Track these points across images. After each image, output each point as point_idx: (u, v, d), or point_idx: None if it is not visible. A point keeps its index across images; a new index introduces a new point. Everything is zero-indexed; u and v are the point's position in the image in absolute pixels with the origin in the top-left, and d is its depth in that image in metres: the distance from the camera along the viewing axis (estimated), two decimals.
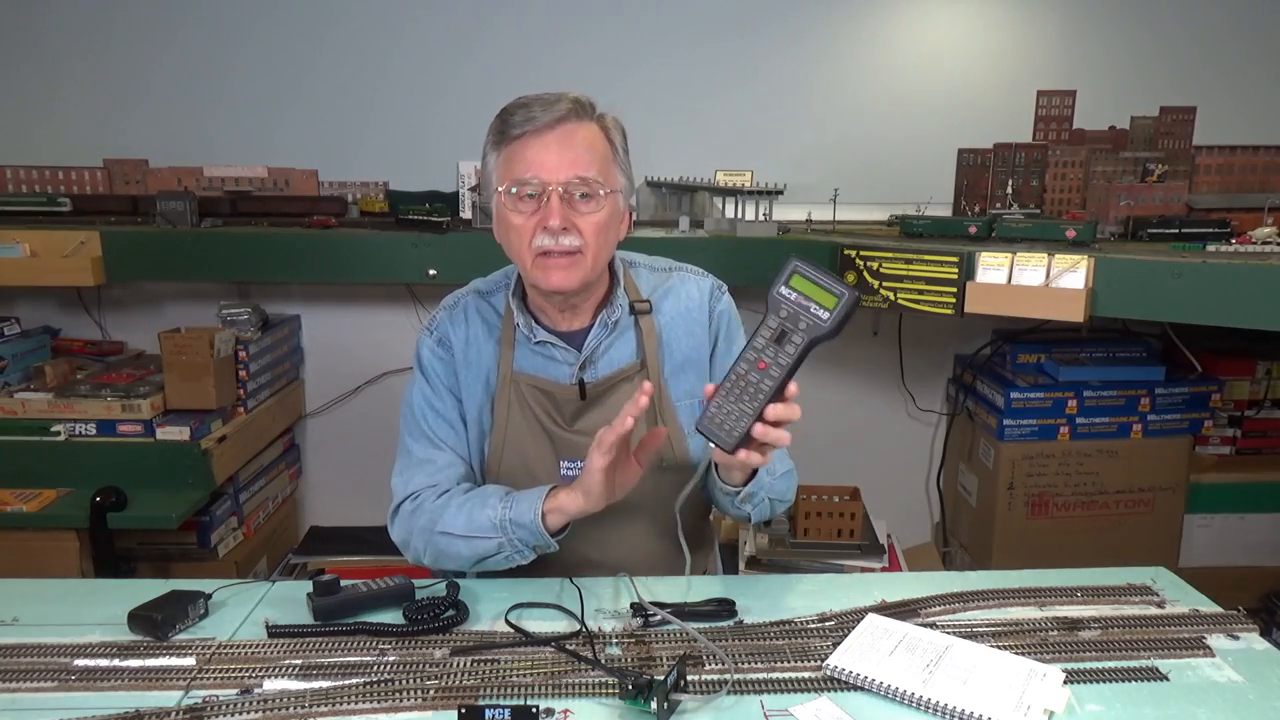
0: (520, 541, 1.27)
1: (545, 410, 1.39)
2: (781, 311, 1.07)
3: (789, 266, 1.08)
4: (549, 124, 1.25)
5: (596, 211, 1.28)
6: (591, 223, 1.27)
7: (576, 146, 1.26)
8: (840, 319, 1.05)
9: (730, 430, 1.09)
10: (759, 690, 1.06)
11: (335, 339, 2.75)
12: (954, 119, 2.68)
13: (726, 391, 1.10)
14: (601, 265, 1.33)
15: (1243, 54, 2.70)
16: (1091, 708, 1.04)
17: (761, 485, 1.28)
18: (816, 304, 1.06)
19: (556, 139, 1.26)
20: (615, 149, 1.32)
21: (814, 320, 1.06)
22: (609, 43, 2.66)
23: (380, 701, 1.02)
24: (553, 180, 1.25)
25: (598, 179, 1.27)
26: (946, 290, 2.05)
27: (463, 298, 1.46)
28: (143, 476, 2.13)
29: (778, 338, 1.07)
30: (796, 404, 1.11)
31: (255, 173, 2.62)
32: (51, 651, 1.12)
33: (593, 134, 1.29)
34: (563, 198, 1.26)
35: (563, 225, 1.25)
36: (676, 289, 1.45)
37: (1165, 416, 2.54)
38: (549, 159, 1.25)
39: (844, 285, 1.06)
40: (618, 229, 1.34)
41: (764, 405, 1.08)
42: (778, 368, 1.07)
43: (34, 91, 2.64)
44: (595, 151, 1.28)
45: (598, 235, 1.28)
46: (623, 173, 1.33)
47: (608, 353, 1.40)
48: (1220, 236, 2.05)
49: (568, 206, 1.26)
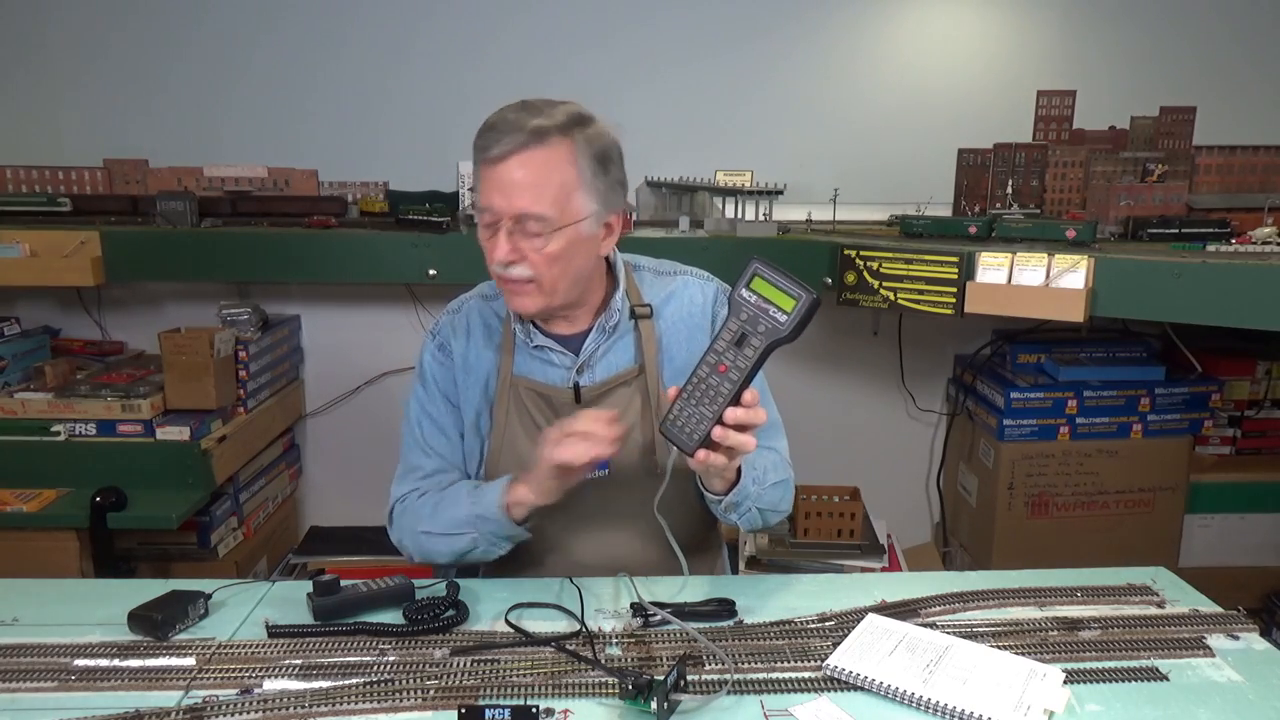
0: (492, 535, 1.28)
1: (543, 414, 1.39)
2: (742, 314, 1.07)
3: (750, 268, 1.07)
4: (504, 155, 1.21)
5: (549, 244, 1.24)
6: (543, 255, 1.25)
7: (528, 181, 1.22)
8: (798, 322, 1.04)
9: (690, 433, 1.09)
10: (759, 690, 1.06)
11: (335, 339, 2.75)
12: (954, 119, 2.68)
13: (688, 394, 1.09)
14: (566, 290, 1.31)
15: (1243, 54, 2.70)
16: (1091, 708, 1.04)
17: (746, 494, 1.26)
18: (775, 306, 1.05)
19: (509, 170, 1.22)
20: (583, 171, 1.25)
21: (772, 323, 1.05)
22: (609, 43, 2.66)
23: (380, 701, 1.02)
24: (502, 213, 1.24)
25: (545, 215, 1.23)
26: (946, 290, 2.05)
27: (466, 302, 1.47)
28: (143, 476, 2.13)
29: (738, 340, 1.07)
30: (761, 409, 1.10)
31: (255, 173, 2.62)
32: (51, 651, 1.12)
33: (553, 162, 1.23)
34: (511, 232, 1.24)
35: (508, 259, 1.25)
36: (679, 293, 1.44)
37: (1165, 416, 2.54)
38: (499, 192, 1.23)
39: (803, 288, 1.04)
40: (583, 253, 1.30)
41: (723, 408, 1.07)
42: (736, 370, 1.07)
43: (34, 91, 2.64)
44: (549, 184, 1.23)
45: (550, 266, 1.26)
46: (593, 195, 1.27)
47: (605, 357, 1.39)
48: (1220, 236, 2.06)
49: (520, 238, 1.25)
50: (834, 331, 2.81)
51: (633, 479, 1.38)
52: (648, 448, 1.39)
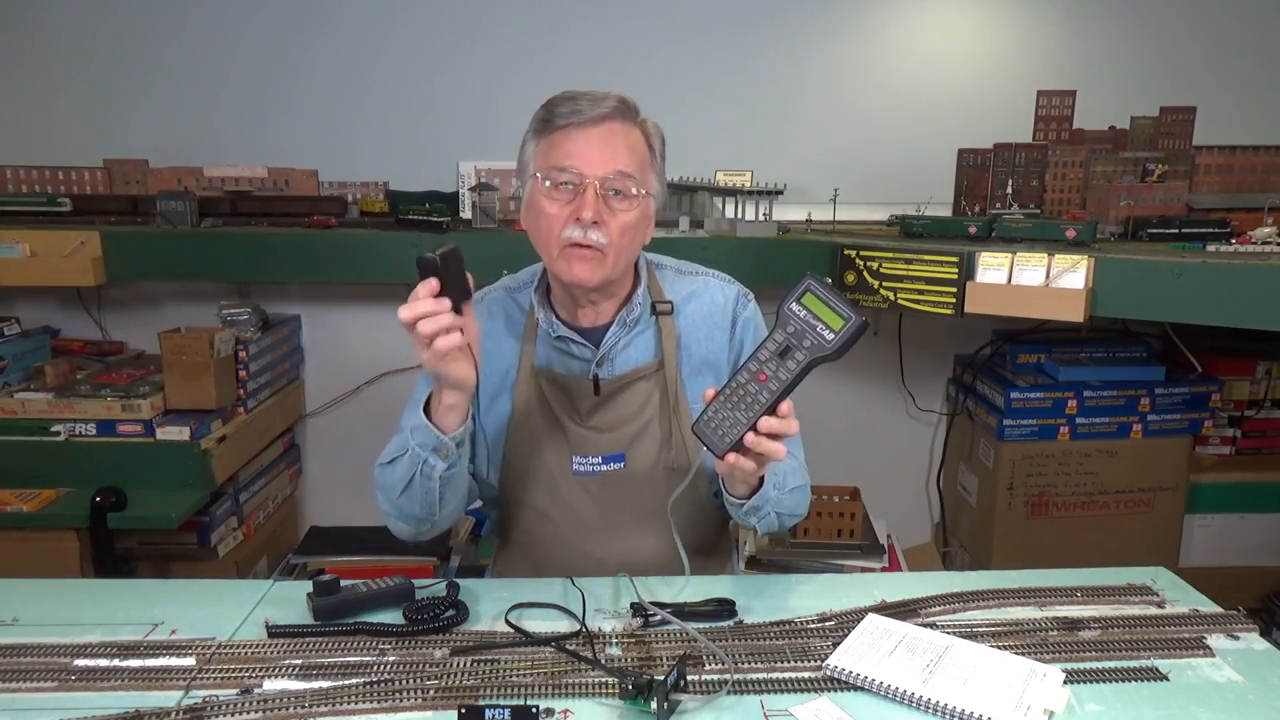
0: (420, 447, 1.24)
1: (561, 404, 1.40)
2: (789, 327, 1.08)
3: (804, 284, 1.08)
4: (595, 119, 1.27)
5: (628, 211, 1.29)
6: (621, 222, 1.28)
7: (618, 144, 1.28)
8: (845, 342, 1.06)
9: (723, 436, 1.10)
10: (759, 690, 1.06)
11: (335, 339, 2.75)
12: (954, 119, 2.69)
13: (725, 398, 1.10)
14: (623, 265, 1.34)
15: (1243, 54, 2.70)
16: (1091, 708, 1.04)
17: (767, 499, 1.27)
18: (824, 324, 1.06)
19: (600, 134, 1.27)
20: (654, 154, 1.33)
21: (819, 340, 1.06)
22: (609, 43, 2.67)
23: (380, 701, 1.02)
24: (592, 174, 1.26)
25: (636, 177, 1.29)
26: (946, 290, 2.05)
27: (489, 293, 1.47)
28: (143, 476, 2.13)
29: (781, 352, 1.08)
30: (795, 420, 1.11)
31: (255, 173, 2.62)
32: (51, 651, 1.12)
33: (635, 136, 1.31)
34: (599, 193, 1.26)
35: (594, 219, 1.26)
36: (701, 293, 1.45)
37: (1165, 416, 2.54)
38: (591, 152, 1.27)
39: (854, 310, 1.06)
40: (644, 232, 1.35)
41: (758, 416, 1.08)
42: (776, 381, 1.07)
43: (34, 91, 2.64)
44: (635, 152, 1.30)
45: (623, 235, 1.29)
46: (658, 178, 1.35)
47: (625, 350, 1.40)
48: (1220, 236, 2.06)
49: (602, 203, 1.27)
50: None
51: (648, 474, 1.39)
52: (664, 442, 1.39)
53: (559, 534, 1.42)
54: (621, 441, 1.39)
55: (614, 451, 1.39)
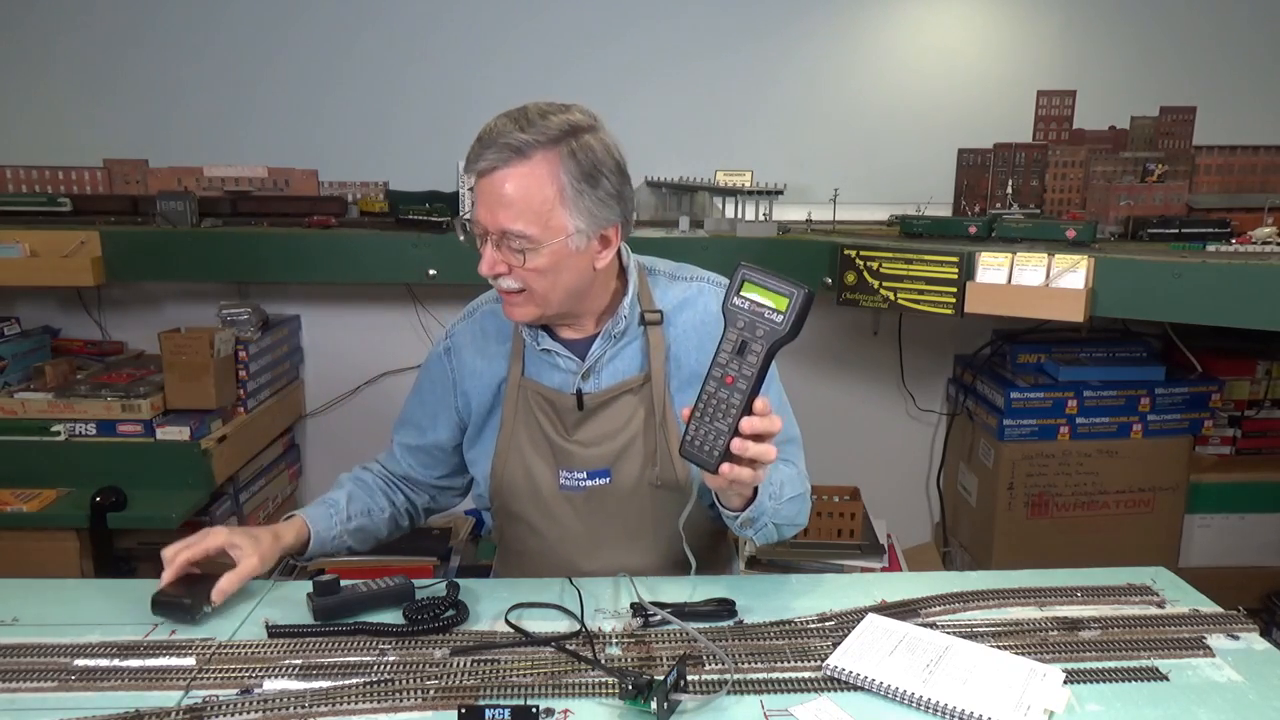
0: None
1: (548, 418, 1.38)
2: (738, 322, 1.05)
3: (739, 275, 1.05)
4: (487, 169, 1.21)
5: (536, 257, 1.23)
6: (530, 268, 1.24)
7: (509, 197, 1.20)
8: (795, 318, 1.03)
9: (710, 451, 1.08)
10: (759, 690, 1.06)
11: (335, 339, 2.75)
12: (954, 119, 2.68)
13: (700, 412, 1.08)
14: (560, 301, 1.29)
15: (1243, 54, 2.70)
16: (1091, 708, 1.04)
17: (763, 510, 1.24)
18: (770, 308, 1.03)
19: (490, 187, 1.21)
20: (566, 189, 1.21)
21: (769, 325, 1.03)
22: (610, 43, 2.66)
23: (380, 701, 1.02)
24: (487, 229, 1.24)
25: (526, 232, 1.20)
26: (946, 290, 2.05)
27: (481, 305, 1.47)
28: (143, 476, 2.13)
29: (739, 349, 1.05)
30: (777, 416, 1.09)
31: (255, 173, 2.62)
32: (51, 651, 1.12)
33: (534, 179, 1.20)
34: (498, 244, 1.24)
35: (493, 273, 1.26)
36: (694, 300, 1.40)
37: (1165, 416, 2.54)
38: (483, 207, 1.23)
39: (793, 284, 1.03)
40: (575, 267, 1.27)
41: (738, 420, 1.06)
42: (744, 380, 1.05)
43: (34, 91, 2.63)
44: (530, 201, 1.20)
45: (538, 279, 1.25)
46: (578, 212, 1.23)
47: (612, 363, 1.38)
48: (1220, 236, 2.06)
49: (506, 251, 1.24)
50: (834, 331, 2.81)
51: (634, 490, 1.37)
52: (649, 458, 1.37)
53: (548, 547, 1.41)
54: (606, 457, 1.37)
55: (599, 467, 1.37)
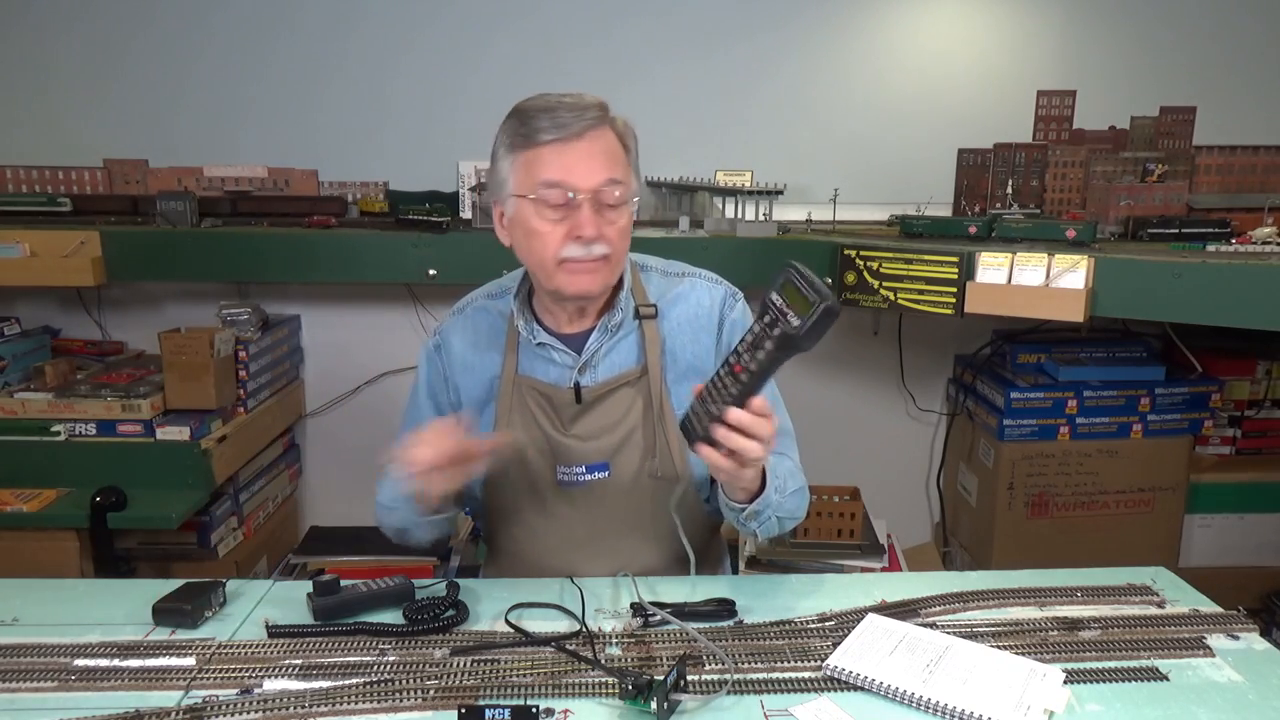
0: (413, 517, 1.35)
1: (545, 413, 1.38)
2: (765, 317, 1.05)
3: (784, 272, 1.04)
4: (579, 131, 1.24)
5: (622, 218, 1.28)
6: (618, 229, 1.28)
7: (603, 153, 1.26)
8: (812, 327, 0.99)
9: (695, 428, 1.10)
10: (759, 690, 1.06)
11: (335, 339, 2.75)
12: (954, 119, 2.68)
13: (706, 391, 1.10)
14: (621, 268, 1.34)
15: (1243, 54, 2.70)
16: (1091, 708, 1.04)
17: (769, 503, 1.25)
18: (794, 312, 1.01)
19: (585, 147, 1.24)
20: (629, 152, 1.31)
21: (787, 328, 1.01)
22: (609, 43, 2.66)
23: (380, 701, 1.02)
24: (584, 188, 1.24)
25: (623, 181, 1.27)
26: (946, 290, 2.05)
27: (470, 302, 1.47)
28: (143, 476, 2.12)
29: (755, 343, 1.05)
30: (766, 419, 1.08)
31: (255, 173, 2.62)
32: (51, 651, 1.12)
33: (612, 138, 1.29)
34: (594, 206, 1.25)
35: (595, 235, 1.25)
36: (687, 295, 1.42)
37: (1165, 416, 2.54)
38: (580, 166, 1.24)
39: (824, 294, 0.98)
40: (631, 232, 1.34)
41: (726, 408, 1.06)
42: (748, 373, 1.05)
43: (34, 91, 2.63)
44: (617, 156, 1.28)
45: (622, 240, 1.30)
46: (636, 175, 1.33)
47: (608, 356, 1.38)
48: (1220, 236, 2.06)
49: (597, 215, 1.25)
50: (834, 331, 2.78)
51: (633, 483, 1.37)
52: (648, 450, 1.37)
53: (546, 544, 1.41)
54: (605, 450, 1.37)
55: (598, 460, 1.37)
